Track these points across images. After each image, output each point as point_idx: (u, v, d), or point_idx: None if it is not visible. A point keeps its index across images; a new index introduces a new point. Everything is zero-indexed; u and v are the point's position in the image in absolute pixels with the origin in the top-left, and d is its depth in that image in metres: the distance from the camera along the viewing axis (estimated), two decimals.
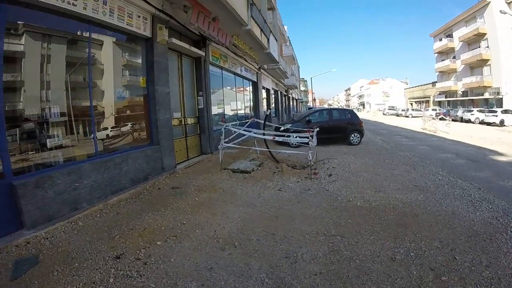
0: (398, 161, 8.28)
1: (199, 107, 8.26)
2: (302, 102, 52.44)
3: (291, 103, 34.27)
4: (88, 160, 4.47)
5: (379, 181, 6.17)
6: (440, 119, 19.49)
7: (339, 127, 11.01)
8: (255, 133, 7.76)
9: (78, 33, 4.56)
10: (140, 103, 6.01)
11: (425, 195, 5.22)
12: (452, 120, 20.30)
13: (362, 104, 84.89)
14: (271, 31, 10.61)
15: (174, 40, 6.34)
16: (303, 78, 47.23)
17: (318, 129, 8.31)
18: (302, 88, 50.74)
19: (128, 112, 5.78)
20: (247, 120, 9.23)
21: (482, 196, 5.23)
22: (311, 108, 35.98)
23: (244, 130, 7.57)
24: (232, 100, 11.59)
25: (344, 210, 4.47)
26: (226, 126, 7.20)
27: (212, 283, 2.71)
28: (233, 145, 7.45)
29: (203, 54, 7.84)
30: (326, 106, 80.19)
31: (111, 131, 5.28)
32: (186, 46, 6.91)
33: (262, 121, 10.55)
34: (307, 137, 6.76)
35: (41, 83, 4.09)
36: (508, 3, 28.80)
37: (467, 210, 4.49)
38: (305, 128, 10.24)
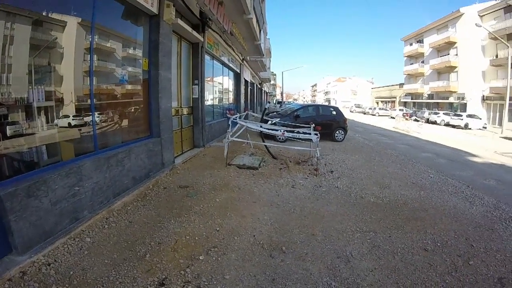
0: (387, 159, 8.23)
1: (193, 96, 7.21)
2: (271, 95, 51.77)
3: (263, 96, 33.58)
4: (88, 156, 3.36)
5: (379, 178, 6.12)
6: (414, 120, 19.81)
7: (325, 124, 10.56)
8: (261, 127, 6.98)
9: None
10: (139, 88, 4.88)
11: (425, 191, 5.39)
12: (415, 120, 20.37)
13: (328, 101, 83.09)
14: (264, 22, 9.80)
15: (180, 21, 5.25)
16: (273, 72, 46.40)
17: (313, 125, 7.89)
18: (271, 82, 49.64)
19: (126, 98, 4.61)
20: (242, 114, 8.39)
21: (472, 193, 5.55)
22: (280, 102, 35.53)
23: (244, 123, 6.78)
24: (219, 91, 10.59)
25: (362, 206, 4.33)
26: (234, 118, 6.31)
27: None
28: (237, 139, 6.64)
29: (202, 39, 6.78)
30: (291, 100, 78.27)
31: (109, 120, 4.14)
32: (189, 29, 5.83)
33: (251, 113, 9.85)
34: (315, 134, 6.23)
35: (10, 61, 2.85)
36: (481, 16, 29.28)
37: (465, 205, 4.75)
38: (292, 123, 9.77)
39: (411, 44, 42.33)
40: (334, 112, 11.39)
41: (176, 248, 2.78)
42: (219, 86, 10.40)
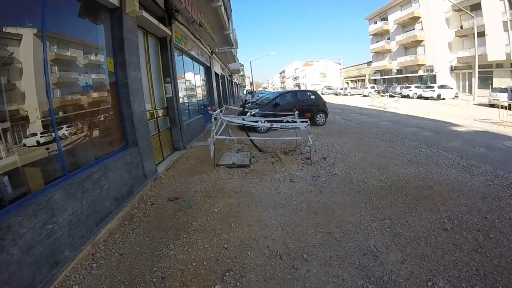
0: (374, 138, 8.17)
1: (167, 96, 6.59)
2: (241, 86, 50.76)
3: (234, 88, 32.77)
4: (56, 184, 2.78)
5: (373, 159, 5.98)
6: (389, 96, 19.58)
7: (305, 109, 10.31)
8: (244, 120, 6.56)
9: None
10: (106, 94, 4.23)
11: (423, 167, 5.28)
12: (390, 95, 20.11)
13: (298, 85, 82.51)
14: (231, 11, 9.21)
15: (144, 14, 4.61)
16: (240, 63, 45.22)
17: (297, 112, 7.65)
18: (240, 73, 48.17)
19: (94, 106, 3.94)
20: (221, 108, 7.91)
21: (468, 163, 5.56)
22: (252, 92, 34.97)
23: (228, 118, 6.34)
24: (192, 87, 9.93)
25: (368, 192, 4.17)
26: (217, 115, 5.81)
27: None
28: (221, 137, 6.21)
29: (170, 33, 6.13)
30: (261, 89, 76.76)
31: (78, 134, 3.50)
32: (155, 22, 5.17)
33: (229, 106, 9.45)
34: (305, 121, 5.95)
35: None
36: None
37: (465, 177, 4.72)
38: (272, 112, 9.52)
39: (375, 23, 42.67)
40: (312, 97, 11.23)
41: (185, 281, 2.34)
42: (191, 82, 9.75)
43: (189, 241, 2.96)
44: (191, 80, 9.78)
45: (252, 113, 9.87)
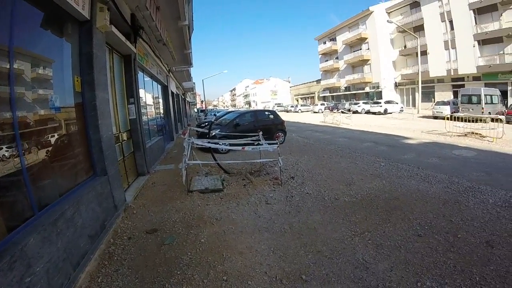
0: (334, 155, 8.56)
1: (130, 117, 6.14)
2: (193, 104, 49.57)
3: (187, 107, 31.89)
4: (27, 225, 2.36)
5: (339, 175, 6.27)
6: (341, 112, 20.58)
7: (265, 128, 10.54)
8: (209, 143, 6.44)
9: None
10: (72, 115, 3.76)
11: (386, 180, 5.70)
12: (342, 112, 21.13)
13: (248, 103, 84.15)
14: (193, 30, 9.15)
15: (114, 29, 4.32)
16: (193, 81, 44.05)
17: (261, 132, 7.82)
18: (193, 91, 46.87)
19: (57, 129, 3.46)
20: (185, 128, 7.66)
21: (425, 173, 6.15)
22: (204, 110, 34.53)
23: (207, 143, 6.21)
24: (151, 107, 9.43)
25: (342, 208, 4.36)
26: (189, 139, 5.60)
27: None
28: (193, 162, 5.99)
29: (134, 51, 5.81)
30: (211, 107, 75.69)
31: (41, 161, 3.02)
32: (123, 38, 4.86)
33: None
34: (274, 143, 6.11)
35: None
36: (389, 13, 33.66)
37: (425, 186, 5.23)
38: (233, 133, 9.60)
39: (324, 43, 45.37)
40: (271, 116, 11.56)
41: None
42: (151, 102, 9.28)
43: (185, 278, 2.75)
44: (151, 100, 9.31)
45: (213, 134, 9.76)
